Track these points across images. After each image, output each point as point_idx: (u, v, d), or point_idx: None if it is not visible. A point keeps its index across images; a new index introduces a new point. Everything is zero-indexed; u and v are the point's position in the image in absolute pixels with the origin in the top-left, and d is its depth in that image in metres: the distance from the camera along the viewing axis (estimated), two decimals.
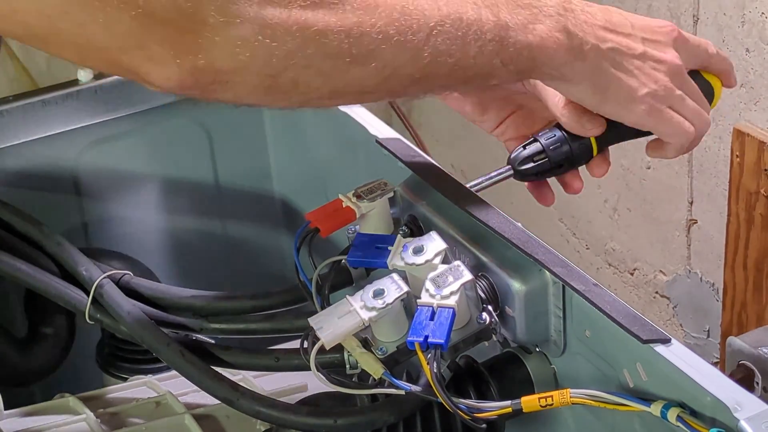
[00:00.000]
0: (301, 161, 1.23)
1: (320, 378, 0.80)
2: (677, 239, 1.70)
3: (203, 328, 0.93)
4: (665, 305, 1.78)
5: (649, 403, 0.73)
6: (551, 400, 0.77)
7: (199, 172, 1.25)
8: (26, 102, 1.13)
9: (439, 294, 0.77)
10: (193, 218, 1.26)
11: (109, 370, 1.14)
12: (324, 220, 0.87)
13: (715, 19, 1.50)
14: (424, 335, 0.75)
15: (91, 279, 0.95)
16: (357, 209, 0.87)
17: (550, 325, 0.83)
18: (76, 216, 1.20)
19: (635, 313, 0.76)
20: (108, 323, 0.94)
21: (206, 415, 0.98)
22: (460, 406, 0.77)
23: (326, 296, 0.86)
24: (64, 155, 1.16)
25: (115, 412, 0.99)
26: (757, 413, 0.67)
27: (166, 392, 1.00)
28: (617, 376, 0.77)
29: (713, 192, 1.56)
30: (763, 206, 1.41)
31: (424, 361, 0.76)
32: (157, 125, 1.21)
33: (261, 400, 0.86)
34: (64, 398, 1.02)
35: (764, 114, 1.44)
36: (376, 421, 0.83)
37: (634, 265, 1.81)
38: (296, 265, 0.86)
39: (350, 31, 0.74)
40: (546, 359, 0.85)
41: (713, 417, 0.70)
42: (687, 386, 0.71)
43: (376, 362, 0.80)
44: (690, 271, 1.70)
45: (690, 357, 0.72)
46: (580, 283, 0.79)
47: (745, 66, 1.46)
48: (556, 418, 0.87)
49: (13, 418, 0.99)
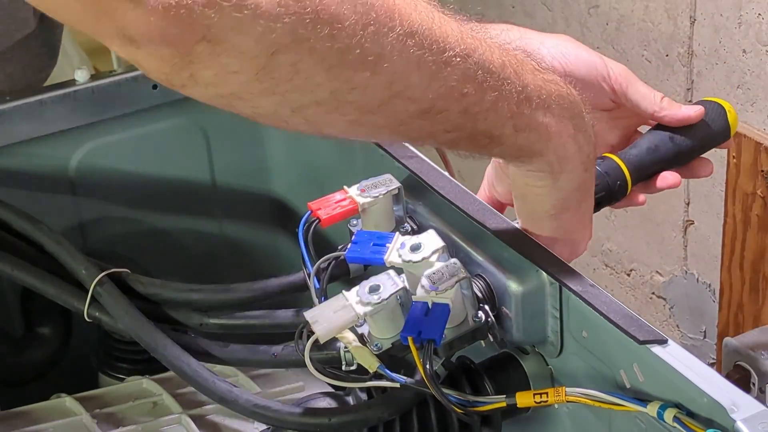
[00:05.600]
0: (298, 161, 1.23)
1: (314, 371, 0.80)
2: (674, 240, 1.70)
3: (203, 323, 0.93)
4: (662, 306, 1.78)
5: (645, 404, 0.73)
6: (546, 396, 0.77)
7: (196, 171, 1.25)
8: (23, 102, 1.13)
9: (434, 290, 0.77)
10: (190, 218, 1.26)
11: (105, 370, 1.13)
12: (325, 210, 0.87)
13: (712, 20, 1.50)
14: (418, 330, 0.76)
15: (90, 277, 0.95)
16: (359, 203, 0.87)
17: (547, 326, 0.83)
18: (72, 216, 1.19)
19: (632, 314, 0.76)
20: (107, 322, 0.94)
21: (203, 416, 0.98)
22: (452, 398, 0.78)
23: (324, 289, 0.86)
24: (60, 155, 1.16)
25: (111, 412, 0.99)
26: (754, 414, 0.67)
27: (163, 392, 1.00)
28: (614, 377, 0.77)
29: (710, 193, 1.56)
30: (759, 207, 1.41)
31: (417, 356, 0.76)
32: (154, 125, 1.21)
33: (257, 400, 0.86)
34: (60, 398, 1.02)
35: (761, 115, 1.44)
36: (370, 418, 0.83)
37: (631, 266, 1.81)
38: (302, 251, 0.86)
39: (366, 25, 0.67)
40: (543, 360, 0.86)
41: (710, 418, 0.70)
42: (684, 387, 0.71)
43: (371, 356, 0.81)
44: (686, 272, 1.71)
45: (687, 358, 0.72)
46: (576, 283, 0.79)
47: (742, 67, 1.46)
48: (554, 421, 0.87)
49: (10, 419, 0.99)
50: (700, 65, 1.55)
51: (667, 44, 1.60)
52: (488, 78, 0.75)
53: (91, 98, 1.10)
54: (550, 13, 1.84)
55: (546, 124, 0.79)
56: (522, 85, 0.77)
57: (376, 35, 0.68)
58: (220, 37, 0.64)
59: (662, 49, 1.62)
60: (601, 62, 0.98)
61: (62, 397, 1.01)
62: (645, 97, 0.96)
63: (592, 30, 1.75)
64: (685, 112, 0.96)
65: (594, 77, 0.98)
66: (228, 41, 0.64)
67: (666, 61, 1.62)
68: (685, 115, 0.96)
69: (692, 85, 1.58)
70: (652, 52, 1.64)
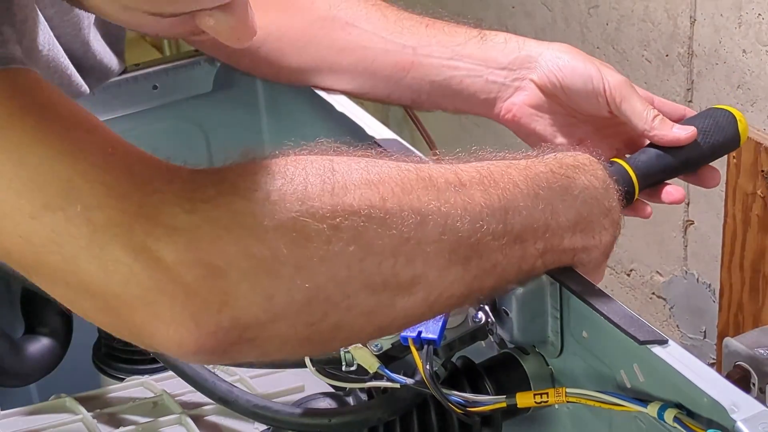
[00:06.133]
0: None
1: (314, 371, 0.80)
2: (674, 240, 1.70)
3: None
4: (662, 306, 1.78)
5: (646, 404, 0.73)
6: (546, 397, 0.77)
7: None
8: None
9: None
10: None
11: (105, 370, 1.13)
12: None
13: (712, 20, 1.50)
14: (418, 331, 0.76)
15: None
16: None
17: (547, 326, 0.83)
18: None
19: (632, 314, 0.76)
20: None
21: (203, 416, 0.98)
22: (452, 398, 0.78)
23: None
24: None
25: (112, 412, 0.99)
26: (754, 414, 0.67)
27: (163, 392, 1.00)
28: (614, 377, 0.77)
29: (710, 193, 1.56)
30: (759, 207, 1.41)
31: (417, 357, 0.76)
32: (154, 125, 1.20)
33: (257, 400, 0.86)
34: (60, 398, 1.01)
35: (761, 115, 1.44)
36: (370, 419, 0.83)
37: (631, 266, 1.81)
38: None
39: (397, 252, 0.66)
40: (543, 360, 0.86)
41: (710, 418, 0.70)
42: (684, 387, 0.71)
43: (371, 357, 0.81)
44: (686, 272, 1.71)
45: (687, 358, 0.72)
46: (577, 284, 0.79)
47: (742, 67, 1.46)
48: (555, 421, 0.87)
49: (10, 419, 0.99)
50: (700, 65, 1.55)
51: (667, 44, 1.60)
52: (517, 239, 0.74)
53: (91, 98, 1.10)
54: (550, 13, 1.83)
55: (573, 248, 0.79)
56: (552, 224, 0.76)
57: (407, 261, 0.67)
58: (255, 335, 0.62)
59: (662, 49, 1.62)
60: (598, 75, 0.98)
61: (62, 397, 1.01)
62: (637, 115, 0.96)
63: (592, 30, 1.75)
64: (675, 133, 0.95)
65: (589, 90, 0.98)
66: (264, 336, 0.63)
67: (666, 61, 1.62)
68: (675, 137, 0.95)
69: (692, 85, 1.58)
70: (652, 52, 1.64)
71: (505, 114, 1.04)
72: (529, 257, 0.76)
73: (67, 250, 0.58)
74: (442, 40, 1.05)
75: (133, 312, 0.58)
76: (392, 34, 1.06)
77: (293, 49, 1.09)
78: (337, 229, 0.63)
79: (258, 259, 0.60)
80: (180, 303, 0.58)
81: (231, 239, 0.60)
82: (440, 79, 1.04)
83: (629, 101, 0.96)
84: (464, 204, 0.70)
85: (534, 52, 1.01)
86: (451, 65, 1.04)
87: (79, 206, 0.58)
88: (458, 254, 0.70)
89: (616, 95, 0.97)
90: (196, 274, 0.58)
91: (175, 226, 0.59)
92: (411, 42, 1.05)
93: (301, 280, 0.61)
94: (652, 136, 0.96)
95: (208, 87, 1.22)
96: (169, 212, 0.59)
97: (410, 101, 1.08)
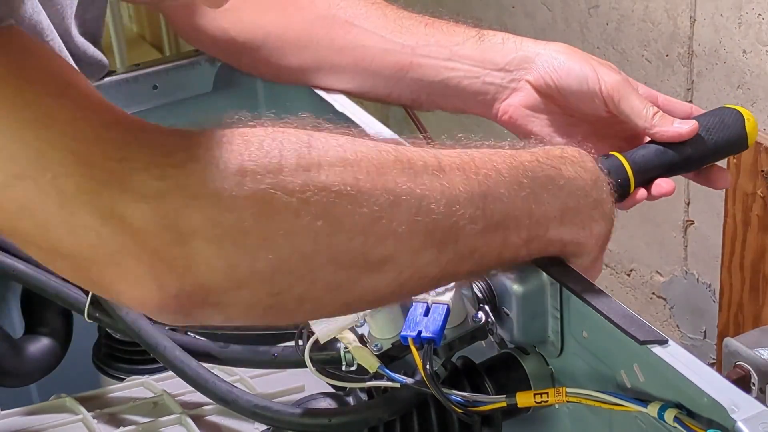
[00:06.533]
0: None
1: (314, 371, 0.80)
2: (674, 240, 1.70)
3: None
4: (662, 306, 1.78)
5: (646, 404, 0.73)
6: (547, 396, 0.77)
7: None
8: None
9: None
10: None
11: (106, 370, 1.13)
12: None
13: (712, 20, 1.50)
14: (418, 330, 0.76)
15: None
16: None
17: (547, 326, 0.83)
18: None
19: (632, 314, 0.76)
20: (107, 322, 0.94)
21: (203, 416, 0.98)
22: (452, 398, 0.78)
23: None
24: None
25: (112, 412, 0.99)
26: (754, 414, 0.67)
27: (163, 392, 1.00)
28: (614, 377, 0.77)
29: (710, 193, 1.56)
30: (759, 207, 1.41)
31: (417, 356, 0.76)
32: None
33: (257, 400, 0.86)
34: (61, 398, 1.01)
35: (761, 115, 1.45)
36: (370, 418, 0.83)
37: (631, 266, 1.81)
38: None
39: (367, 231, 0.66)
40: (543, 360, 0.86)
41: (710, 418, 0.70)
42: (684, 387, 0.71)
43: (371, 356, 0.81)
44: (687, 272, 1.71)
45: (687, 358, 0.72)
46: (577, 284, 0.79)
47: (742, 67, 1.46)
48: (555, 421, 0.87)
49: (10, 419, 0.99)
50: (700, 65, 1.55)
51: (667, 44, 1.60)
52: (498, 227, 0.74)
53: None
54: (550, 13, 1.84)
55: (560, 239, 0.79)
56: (536, 213, 0.76)
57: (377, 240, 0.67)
58: (218, 300, 0.64)
59: (662, 49, 1.62)
60: (594, 76, 0.98)
61: (62, 397, 1.01)
62: (637, 113, 0.95)
63: (592, 30, 1.75)
64: (676, 129, 0.94)
65: (586, 91, 0.98)
66: (227, 301, 0.64)
67: (666, 61, 1.62)
68: (676, 132, 0.94)
69: (692, 85, 1.58)
70: (652, 52, 1.64)
71: (502, 115, 1.04)
72: (510, 245, 0.76)
73: (38, 217, 0.59)
74: (441, 40, 1.05)
75: (102, 272, 0.61)
76: (392, 33, 1.06)
77: (293, 49, 1.09)
78: (306, 203, 0.63)
79: (224, 228, 0.61)
80: (145, 265, 0.60)
81: (198, 206, 0.61)
82: (438, 80, 1.05)
83: (628, 100, 0.96)
84: (441, 188, 0.70)
85: (531, 53, 1.01)
86: (449, 66, 1.04)
87: (49, 174, 0.59)
88: (434, 237, 0.70)
89: (614, 95, 0.96)
90: (162, 239, 0.60)
91: (144, 193, 0.60)
92: (410, 42, 1.05)
93: (265, 251, 0.62)
94: (653, 133, 0.95)
95: (208, 87, 1.22)
96: (138, 179, 0.60)
97: (410, 101, 1.08)
